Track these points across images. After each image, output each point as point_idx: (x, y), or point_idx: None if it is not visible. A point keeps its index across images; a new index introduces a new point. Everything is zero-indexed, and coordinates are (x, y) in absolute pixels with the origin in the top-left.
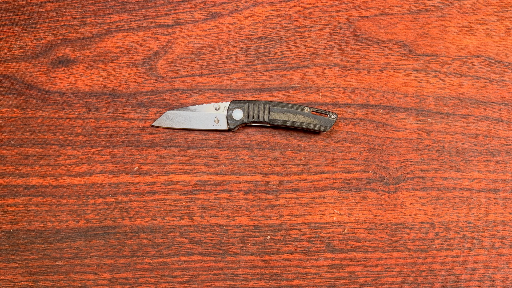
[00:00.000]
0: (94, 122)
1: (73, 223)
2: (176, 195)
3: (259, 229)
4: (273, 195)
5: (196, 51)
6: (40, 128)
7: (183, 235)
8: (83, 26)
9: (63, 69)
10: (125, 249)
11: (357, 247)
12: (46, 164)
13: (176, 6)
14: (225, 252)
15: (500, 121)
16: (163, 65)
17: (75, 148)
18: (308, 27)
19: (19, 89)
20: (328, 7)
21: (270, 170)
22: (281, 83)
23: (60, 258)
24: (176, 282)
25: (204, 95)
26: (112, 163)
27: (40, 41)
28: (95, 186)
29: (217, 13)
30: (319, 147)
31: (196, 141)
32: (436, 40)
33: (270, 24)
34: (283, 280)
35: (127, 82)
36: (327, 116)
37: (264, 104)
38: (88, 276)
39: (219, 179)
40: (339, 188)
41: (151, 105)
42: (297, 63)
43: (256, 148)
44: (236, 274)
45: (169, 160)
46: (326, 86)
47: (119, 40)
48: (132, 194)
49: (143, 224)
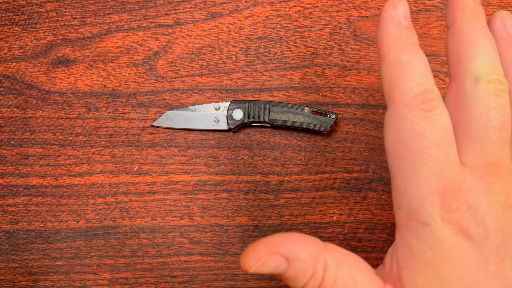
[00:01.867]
0: (94, 122)
1: (73, 223)
2: (176, 195)
3: (259, 229)
4: (273, 195)
5: (196, 51)
6: (40, 128)
7: (183, 235)
8: (83, 26)
9: (63, 69)
10: (125, 249)
11: (357, 247)
12: (46, 164)
13: (176, 6)
14: (225, 252)
15: None
16: (163, 65)
17: (75, 148)
18: (308, 27)
19: (19, 89)
20: (328, 7)
21: (270, 170)
22: (281, 83)
23: (60, 258)
24: (176, 282)
25: (204, 95)
26: (112, 163)
27: (40, 41)
28: (95, 186)
29: (217, 13)
30: (319, 147)
31: (196, 141)
32: (436, 40)
33: (270, 24)
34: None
35: (127, 82)
36: (327, 116)
37: (264, 104)
38: (88, 276)
39: (219, 179)
40: (339, 188)
41: (151, 105)
42: (297, 63)
43: (256, 148)
44: (236, 274)
45: (169, 160)
46: (326, 86)
47: (119, 40)
48: (132, 194)
49: (143, 224)
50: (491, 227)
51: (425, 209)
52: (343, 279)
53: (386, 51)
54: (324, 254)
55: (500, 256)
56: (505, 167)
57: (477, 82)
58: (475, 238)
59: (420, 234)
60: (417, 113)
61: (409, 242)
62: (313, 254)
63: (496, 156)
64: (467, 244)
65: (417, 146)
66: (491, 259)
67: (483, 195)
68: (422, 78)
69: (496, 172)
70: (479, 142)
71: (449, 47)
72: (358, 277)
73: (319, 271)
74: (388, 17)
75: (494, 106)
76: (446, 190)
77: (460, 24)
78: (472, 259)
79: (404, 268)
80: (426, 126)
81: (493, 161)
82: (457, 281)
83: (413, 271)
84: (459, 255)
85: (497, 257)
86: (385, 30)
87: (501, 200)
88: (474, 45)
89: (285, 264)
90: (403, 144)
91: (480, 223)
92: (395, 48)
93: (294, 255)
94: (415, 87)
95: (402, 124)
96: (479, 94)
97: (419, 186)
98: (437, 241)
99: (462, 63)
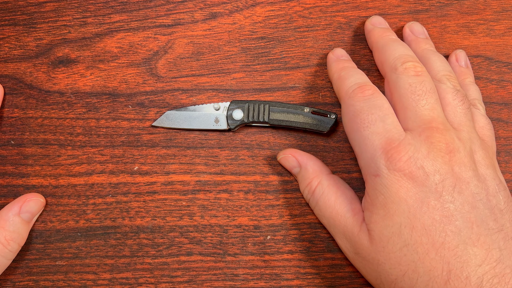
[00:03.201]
0: (94, 122)
1: (73, 223)
2: (176, 195)
3: (259, 229)
4: (273, 195)
5: (196, 51)
6: (40, 128)
7: (183, 235)
8: (83, 26)
9: (63, 69)
10: (125, 249)
11: None
12: (46, 164)
13: (176, 6)
14: (225, 252)
15: (500, 121)
16: (163, 65)
17: (75, 148)
18: (308, 27)
19: (19, 89)
20: (328, 7)
21: (270, 170)
22: (281, 83)
23: (60, 258)
24: (176, 282)
25: (204, 95)
26: (112, 163)
27: (40, 41)
28: (95, 186)
29: (217, 13)
30: (319, 147)
31: (196, 141)
32: (436, 40)
33: (270, 24)
34: (283, 280)
35: (127, 82)
36: (327, 116)
37: (264, 104)
38: (88, 276)
39: (219, 179)
40: None
41: (151, 105)
42: (297, 63)
43: (256, 148)
44: (236, 274)
45: (169, 160)
46: (326, 86)
47: (119, 40)
48: (132, 194)
49: (143, 224)
50: (429, 170)
51: (374, 163)
52: (328, 194)
53: (332, 73)
54: (323, 176)
55: (439, 191)
56: (440, 122)
57: (397, 70)
58: (417, 180)
59: (374, 184)
60: (356, 98)
61: (368, 192)
62: (315, 171)
63: (429, 115)
64: (411, 185)
65: (359, 118)
66: (431, 195)
67: (423, 145)
68: (358, 80)
69: (432, 127)
70: (411, 108)
71: (376, 62)
72: (340, 197)
73: (313, 183)
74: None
75: (413, 82)
76: (387, 146)
77: (375, 43)
78: (415, 197)
79: (366, 209)
80: (363, 105)
81: (428, 119)
82: (402, 215)
83: (371, 211)
84: (403, 195)
85: (436, 193)
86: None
87: (441, 147)
88: (387, 49)
89: (298, 169)
90: (351, 121)
91: (420, 168)
92: (336, 69)
93: (304, 165)
94: (353, 85)
95: (348, 109)
96: (401, 77)
97: (367, 146)
98: (385, 188)
99: (385, 64)
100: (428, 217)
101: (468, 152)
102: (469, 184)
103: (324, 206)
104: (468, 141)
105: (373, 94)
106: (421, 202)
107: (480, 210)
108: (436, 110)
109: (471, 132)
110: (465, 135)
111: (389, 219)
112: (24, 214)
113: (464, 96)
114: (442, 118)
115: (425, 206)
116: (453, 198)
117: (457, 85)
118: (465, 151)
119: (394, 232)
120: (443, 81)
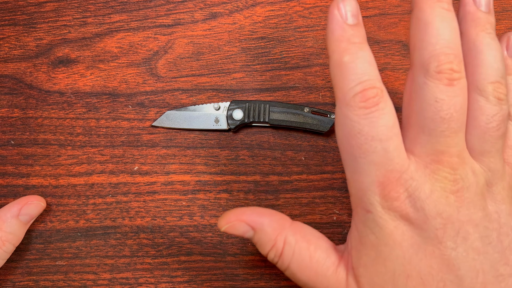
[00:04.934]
0: (94, 122)
1: (73, 223)
2: (176, 195)
3: None
4: (273, 195)
5: (196, 51)
6: (40, 128)
7: (183, 235)
8: (83, 26)
9: (63, 69)
10: (125, 249)
11: None
12: (46, 164)
13: (176, 6)
14: (225, 252)
15: None
16: (163, 65)
17: (75, 148)
18: (308, 27)
19: (19, 89)
20: (328, 7)
21: (270, 170)
22: (281, 83)
23: (60, 258)
24: (176, 282)
25: (204, 95)
26: (112, 163)
27: (40, 41)
28: (95, 186)
29: (217, 13)
30: (319, 147)
31: (196, 141)
32: None
33: (270, 24)
34: (283, 280)
35: (127, 82)
36: (327, 116)
37: (264, 104)
38: (88, 276)
39: (219, 179)
40: (339, 188)
41: (151, 105)
42: (297, 63)
43: (256, 148)
44: (236, 274)
45: (169, 160)
46: (326, 86)
47: (119, 40)
48: (132, 194)
49: (143, 224)
50: (430, 213)
51: (367, 198)
52: (300, 253)
53: (331, 53)
54: (287, 231)
55: (439, 238)
56: (455, 154)
57: (428, 72)
58: (415, 223)
59: (365, 220)
60: (356, 112)
61: (357, 226)
62: (275, 229)
63: (445, 144)
64: (408, 228)
65: (356, 142)
66: (430, 241)
67: (426, 182)
68: (363, 77)
69: (443, 159)
70: (426, 131)
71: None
72: (315, 254)
73: (279, 244)
74: (332, 18)
75: (442, 98)
76: (386, 181)
77: (419, 10)
78: (411, 241)
79: (353, 248)
80: (364, 124)
81: (441, 149)
82: (396, 261)
83: (360, 251)
84: (398, 238)
85: (436, 239)
86: (329, 31)
87: (447, 186)
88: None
89: (252, 232)
90: (346, 140)
91: (419, 209)
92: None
93: (258, 226)
94: (355, 86)
95: (344, 122)
96: (429, 85)
97: (361, 178)
98: (378, 227)
99: (417, 52)
100: (425, 265)
101: (481, 189)
102: (477, 226)
103: (299, 269)
104: (485, 174)
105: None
106: (418, 247)
107: (488, 255)
108: (456, 138)
109: (495, 162)
110: (484, 166)
111: (381, 265)
112: (23, 216)
113: (504, 118)
114: (460, 148)
115: (422, 252)
116: (456, 245)
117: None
118: (478, 188)
119: (387, 281)
120: (484, 93)
